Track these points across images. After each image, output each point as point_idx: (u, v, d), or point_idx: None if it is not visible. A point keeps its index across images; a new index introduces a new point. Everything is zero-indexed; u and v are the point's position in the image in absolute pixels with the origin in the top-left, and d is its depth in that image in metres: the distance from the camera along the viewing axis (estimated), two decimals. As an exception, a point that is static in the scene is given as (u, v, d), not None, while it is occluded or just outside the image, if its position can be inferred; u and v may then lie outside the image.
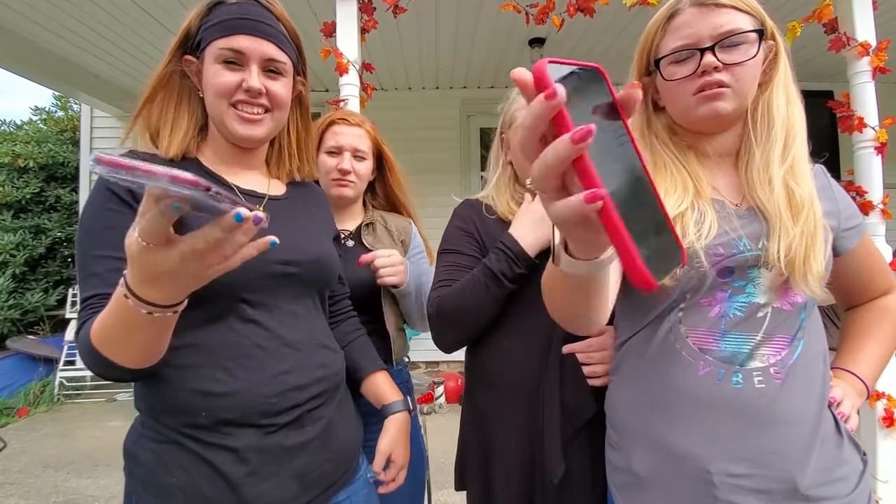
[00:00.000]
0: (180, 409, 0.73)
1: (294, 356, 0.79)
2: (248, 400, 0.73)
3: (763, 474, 0.67)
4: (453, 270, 1.04)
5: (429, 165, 4.39)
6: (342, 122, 1.28)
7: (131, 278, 0.56)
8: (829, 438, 0.70)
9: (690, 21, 0.73)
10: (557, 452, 0.92)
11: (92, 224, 0.73)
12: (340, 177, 1.25)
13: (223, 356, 0.74)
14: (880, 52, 2.19)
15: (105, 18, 3.25)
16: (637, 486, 0.76)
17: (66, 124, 5.88)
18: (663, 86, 0.78)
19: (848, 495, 0.68)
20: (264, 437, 0.74)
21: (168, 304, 0.58)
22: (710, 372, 0.71)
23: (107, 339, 0.63)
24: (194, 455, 0.72)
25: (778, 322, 0.71)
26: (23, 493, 2.64)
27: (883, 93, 2.33)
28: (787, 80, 0.76)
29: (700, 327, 0.73)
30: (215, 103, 0.80)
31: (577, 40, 3.69)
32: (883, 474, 2.21)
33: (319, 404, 0.81)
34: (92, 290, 0.70)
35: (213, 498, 0.72)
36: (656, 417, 0.75)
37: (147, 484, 0.74)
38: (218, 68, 0.78)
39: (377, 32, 2.34)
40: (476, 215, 1.11)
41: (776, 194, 0.71)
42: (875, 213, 2.19)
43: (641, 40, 0.80)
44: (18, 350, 4.38)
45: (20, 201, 5.04)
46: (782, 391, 0.68)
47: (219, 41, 0.77)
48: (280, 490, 0.75)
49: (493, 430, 1.02)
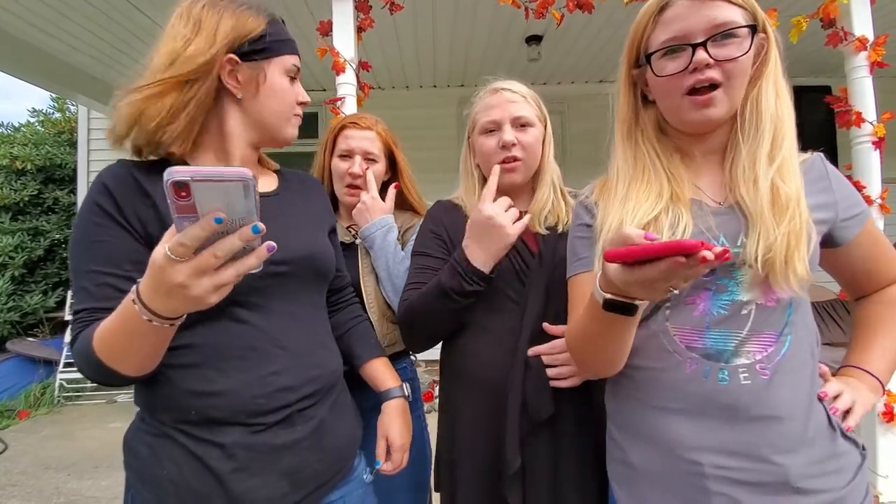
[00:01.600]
0: (173, 406, 0.75)
1: (286, 357, 0.80)
2: (236, 400, 0.75)
3: (754, 467, 0.67)
4: (421, 272, 1.07)
5: (426, 164, 4.35)
6: (353, 125, 1.29)
7: (144, 287, 0.58)
8: (821, 432, 0.69)
9: (682, 14, 0.71)
10: (514, 446, 0.94)
11: (80, 237, 0.74)
12: (352, 181, 1.26)
13: (216, 357, 0.75)
14: (878, 47, 2.19)
15: (102, 20, 3.24)
16: (634, 479, 0.77)
17: (64, 126, 5.87)
18: (653, 80, 0.77)
19: (842, 488, 0.68)
20: (252, 434, 0.75)
21: (168, 317, 0.59)
22: (697, 369, 0.72)
23: (110, 347, 0.65)
24: (184, 449, 0.74)
25: (763, 319, 0.71)
26: (24, 494, 2.64)
27: (881, 87, 2.33)
28: (777, 74, 0.75)
29: (686, 325, 0.74)
30: (281, 110, 0.86)
31: (575, 37, 3.68)
32: (883, 469, 2.22)
33: (311, 404, 0.82)
34: (81, 304, 0.72)
35: (202, 492, 0.73)
36: (649, 412, 0.76)
37: (141, 476, 0.76)
38: (287, 81, 0.86)
39: (374, 31, 2.34)
40: (446, 217, 1.13)
41: (761, 193, 0.70)
42: (873, 207, 2.19)
43: (631, 31, 0.79)
44: (18, 352, 4.37)
45: (18, 203, 5.03)
46: (769, 387, 0.69)
47: (291, 58, 0.86)
48: (268, 487, 0.76)
49: (463, 429, 1.04)
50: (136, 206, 0.74)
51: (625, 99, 0.83)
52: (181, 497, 0.73)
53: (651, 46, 0.75)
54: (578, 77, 4.48)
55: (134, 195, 0.75)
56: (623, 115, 0.84)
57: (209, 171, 0.49)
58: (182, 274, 0.53)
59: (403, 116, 4.50)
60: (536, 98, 1.11)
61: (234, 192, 0.51)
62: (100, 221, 0.73)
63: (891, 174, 2.50)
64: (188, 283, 0.54)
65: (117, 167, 0.78)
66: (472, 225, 0.99)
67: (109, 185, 0.74)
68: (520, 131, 1.06)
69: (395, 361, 1.23)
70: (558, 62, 4.13)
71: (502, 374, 0.99)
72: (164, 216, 0.73)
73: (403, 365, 1.27)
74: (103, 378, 0.69)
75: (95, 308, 0.70)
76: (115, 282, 0.71)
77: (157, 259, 0.54)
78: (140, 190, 0.75)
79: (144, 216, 0.74)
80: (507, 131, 1.05)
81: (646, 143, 0.80)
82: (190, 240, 0.51)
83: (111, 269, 0.72)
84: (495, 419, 0.98)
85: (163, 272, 0.53)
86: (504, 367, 0.99)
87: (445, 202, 1.18)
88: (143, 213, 0.74)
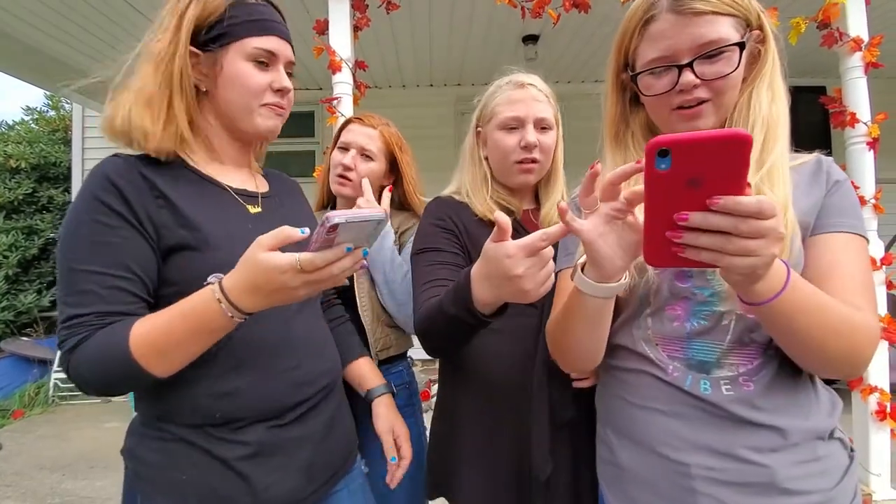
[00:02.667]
0: (195, 410, 0.73)
1: (301, 352, 0.81)
2: (259, 397, 0.75)
3: (740, 468, 0.67)
4: (435, 268, 0.97)
5: (422, 163, 4.32)
6: (357, 121, 1.30)
7: (235, 284, 0.63)
8: (807, 435, 0.68)
9: (668, 31, 0.69)
10: (545, 451, 0.91)
11: (80, 236, 0.69)
12: (343, 171, 1.25)
13: (238, 358, 0.75)
14: (873, 48, 2.20)
15: (98, 18, 3.22)
16: (623, 480, 0.77)
17: (58, 124, 5.83)
18: (641, 94, 0.76)
19: (830, 490, 0.68)
20: (274, 431, 0.76)
21: (250, 313, 0.65)
22: (679, 378, 0.72)
23: (157, 347, 0.66)
24: (204, 452, 0.73)
25: (745, 328, 0.69)
26: (19, 495, 2.62)
27: (875, 88, 2.34)
28: (773, 75, 0.72)
29: (667, 335, 0.73)
30: (242, 100, 0.79)
31: (570, 37, 3.69)
32: (875, 467, 2.23)
33: (324, 397, 0.84)
34: (88, 308, 0.67)
35: (227, 494, 0.73)
36: (636, 413, 0.76)
37: (156, 483, 0.74)
38: (250, 66, 0.78)
39: (370, 30, 2.34)
40: (453, 212, 1.05)
41: None
42: (867, 207, 2.20)
43: (618, 36, 0.77)
44: (12, 352, 4.35)
45: (12, 202, 5.00)
46: (753, 397, 0.68)
47: (253, 40, 0.78)
48: (288, 481, 0.77)
49: (470, 432, 0.99)
50: (148, 208, 0.71)
51: (613, 102, 0.82)
52: (204, 500, 0.73)
53: (637, 61, 0.74)
54: (575, 77, 4.49)
55: (145, 195, 0.71)
56: (611, 117, 0.82)
57: (357, 214, 0.58)
58: (300, 281, 0.61)
59: (399, 115, 4.44)
60: (554, 98, 1.07)
61: (368, 228, 0.61)
62: (108, 221, 0.69)
63: (884, 174, 2.51)
64: (298, 288, 0.62)
65: (121, 162, 0.73)
66: (491, 267, 0.68)
67: (117, 182, 0.70)
68: (541, 133, 1.02)
69: (390, 365, 1.23)
70: (555, 62, 4.14)
71: (521, 375, 0.95)
72: (183, 216, 0.72)
73: (400, 368, 1.27)
74: (119, 383, 0.68)
75: (107, 312, 0.67)
76: (126, 285, 0.69)
77: (281, 265, 0.59)
78: (153, 190, 0.72)
79: (158, 219, 0.71)
80: (530, 132, 1.00)
81: (636, 146, 0.80)
82: (323, 262, 0.59)
83: (122, 272, 0.69)
84: (516, 421, 0.94)
85: (283, 276, 0.60)
86: (522, 368, 0.95)
87: (446, 198, 1.10)
88: (155, 215, 0.71)
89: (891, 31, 3.07)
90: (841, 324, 0.61)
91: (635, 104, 0.82)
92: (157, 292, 0.73)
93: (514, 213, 1.06)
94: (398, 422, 1.02)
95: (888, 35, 2.47)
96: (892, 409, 2.21)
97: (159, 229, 0.71)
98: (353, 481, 0.91)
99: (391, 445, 0.99)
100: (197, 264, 0.71)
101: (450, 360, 1.06)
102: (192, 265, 0.72)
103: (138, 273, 0.70)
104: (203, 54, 0.78)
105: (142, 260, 0.70)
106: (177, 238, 0.72)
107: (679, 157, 0.46)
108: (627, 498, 0.76)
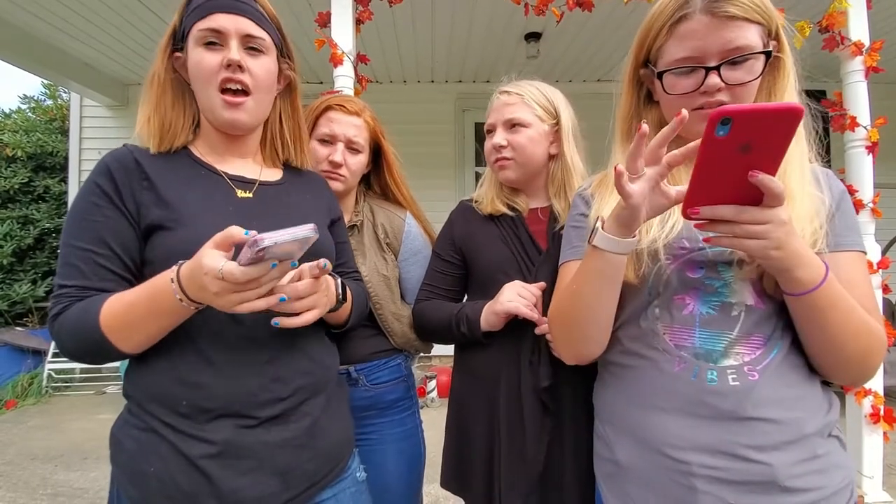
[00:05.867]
0: (164, 396, 0.74)
1: (279, 349, 0.79)
2: (229, 389, 0.74)
3: (741, 468, 0.67)
4: (431, 274, 1.21)
5: (423, 160, 4.37)
6: (339, 108, 1.16)
7: (185, 271, 0.65)
8: (808, 432, 0.69)
9: (699, 32, 0.69)
10: (535, 441, 0.99)
11: (76, 213, 0.76)
12: (331, 170, 1.14)
13: (209, 346, 0.75)
14: (873, 52, 2.20)
15: (96, 6, 3.19)
16: (621, 476, 0.77)
17: (56, 113, 5.77)
18: (661, 91, 0.76)
19: (828, 487, 0.68)
20: (243, 430, 0.74)
21: (197, 302, 0.68)
22: (686, 368, 0.72)
23: (122, 321, 0.70)
24: (171, 446, 0.72)
25: (754, 321, 0.71)
26: (11, 485, 2.61)
27: (875, 92, 2.35)
28: (790, 88, 0.74)
29: (675, 324, 0.74)
30: (203, 89, 0.81)
31: (573, 36, 3.68)
32: (868, 469, 2.25)
33: (304, 399, 0.81)
34: (71, 280, 0.74)
35: (189, 490, 0.72)
36: (636, 410, 0.76)
37: (127, 471, 0.74)
38: (200, 51, 0.79)
39: (372, 24, 2.32)
40: (462, 218, 1.19)
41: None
42: (865, 211, 2.21)
43: (642, 30, 0.77)
44: (6, 342, 4.32)
45: (8, 191, 4.96)
46: (757, 388, 0.69)
47: (198, 24, 0.78)
48: (259, 486, 0.75)
49: (473, 423, 1.08)
50: (133, 190, 0.76)
51: (628, 97, 0.83)
52: (168, 494, 0.72)
53: (663, 57, 0.74)
54: (577, 75, 4.48)
55: (133, 179, 0.77)
56: (625, 113, 0.83)
57: (285, 233, 0.59)
58: (218, 287, 0.62)
59: (401, 111, 4.48)
60: (542, 96, 1.11)
61: (298, 243, 0.62)
62: (97, 202, 0.75)
63: (883, 179, 2.52)
64: (219, 294, 0.63)
65: (123, 151, 0.79)
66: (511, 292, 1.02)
67: (112, 166, 0.76)
68: (510, 132, 1.10)
69: (388, 359, 1.21)
70: (557, 60, 4.13)
71: (507, 368, 1.04)
72: (162, 197, 0.76)
73: (398, 361, 1.24)
74: (90, 352, 0.72)
75: (86, 287, 0.73)
76: (105, 262, 0.74)
77: (208, 265, 0.61)
78: (141, 174, 0.77)
79: (140, 199, 0.76)
80: (497, 135, 1.11)
81: (647, 143, 0.80)
82: (244, 277, 0.61)
83: (101, 248, 0.74)
84: (496, 411, 1.03)
85: (204, 277, 0.62)
86: (507, 362, 1.04)
87: (466, 202, 1.23)
88: (139, 195, 0.76)
89: (892, 35, 3.08)
90: (862, 325, 0.66)
91: (648, 101, 0.82)
92: (142, 271, 0.76)
93: (520, 211, 1.13)
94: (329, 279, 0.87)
95: (889, 40, 2.48)
96: (885, 413, 2.23)
97: (140, 208, 0.76)
98: (343, 490, 0.87)
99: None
100: (168, 242, 0.74)
101: (458, 352, 1.17)
102: (164, 243, 0.75)
103: (117, 251, 0.75)
104: (182, 55, 0.82)
105: (122, 238, 0.75)
106: (153, 217, 0.75)
107: (738, 125, 0.52)
108: (625, 495, 0.76)
